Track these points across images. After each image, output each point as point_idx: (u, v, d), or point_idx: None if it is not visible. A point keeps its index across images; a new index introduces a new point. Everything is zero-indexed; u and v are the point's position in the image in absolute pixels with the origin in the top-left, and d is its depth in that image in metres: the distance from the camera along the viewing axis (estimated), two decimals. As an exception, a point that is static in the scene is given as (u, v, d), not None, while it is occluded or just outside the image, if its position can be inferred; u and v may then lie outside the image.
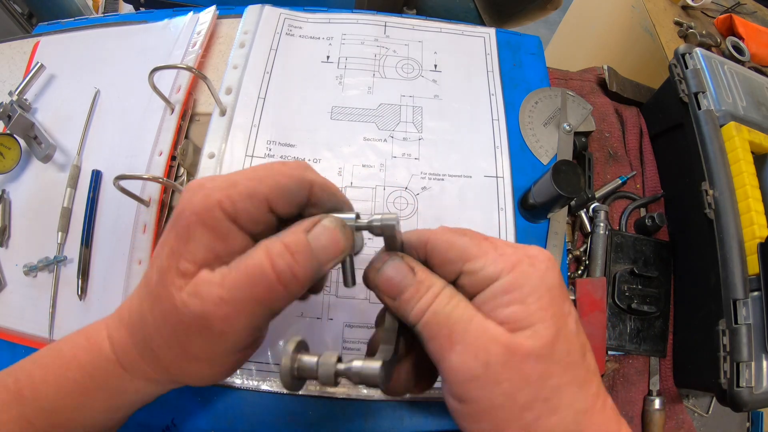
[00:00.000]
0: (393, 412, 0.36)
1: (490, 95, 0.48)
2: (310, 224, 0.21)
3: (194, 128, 0.45)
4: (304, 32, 0.49)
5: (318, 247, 0.20)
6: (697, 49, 0.46)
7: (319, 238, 0.20)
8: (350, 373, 0.21)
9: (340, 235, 0.21)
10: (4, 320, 0.39)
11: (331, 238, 0.21)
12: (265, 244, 0.20)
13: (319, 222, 0.21)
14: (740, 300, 0.36)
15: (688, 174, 0.44)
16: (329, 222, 0.21)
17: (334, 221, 0.21)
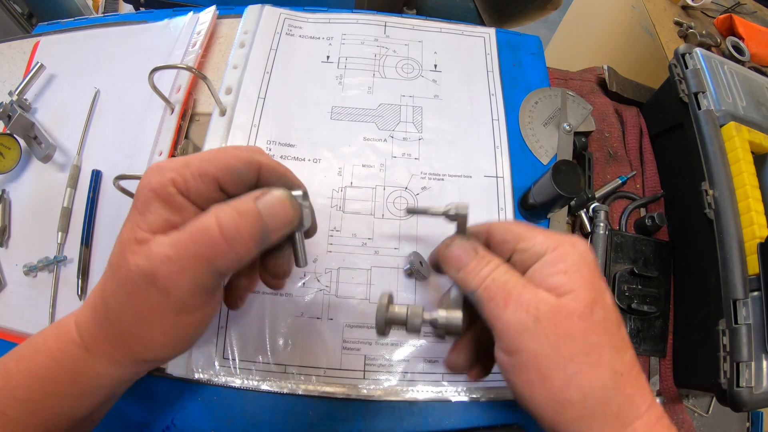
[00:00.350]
0: (393, 412, 0.36)
1: (490, 95, 0.48)
2: (260, 193, 0.22)
3: (194, 128, 0.45)
4: (304, 32, 0.49)
5: (266, 212, 0.21)
6: (697, 49, 0.46)
7: (267, 203, 0.22)
8: (437, 322, 0.27)
9: (288, 204, 0.22)
10: (4, 320, 0.39)
11: (280, 205, 0.22)
12: (216, 207, 0.21)
13: (269, 192, 0.22)
14: (740, 300, 0.36)
15: (688, 174, 0.44)
16: (279, 192, 0.22)
17: (283, 192, 0.22)
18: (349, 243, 0.39)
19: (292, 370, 0.35)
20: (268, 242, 0.22)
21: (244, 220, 0.20)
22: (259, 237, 0.21)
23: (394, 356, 0.36)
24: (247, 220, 0.21)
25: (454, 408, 0.37)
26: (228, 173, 0.23)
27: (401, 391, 0.36)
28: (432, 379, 0.36)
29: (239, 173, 0.23)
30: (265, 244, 0.22)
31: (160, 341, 0.22)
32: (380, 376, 0.36)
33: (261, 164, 0.24)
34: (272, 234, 0.22)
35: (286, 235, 0.23)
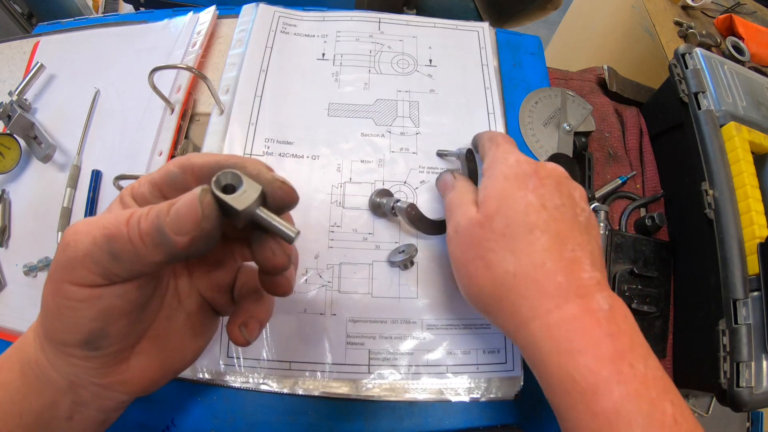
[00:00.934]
0: (393, 412, 0.36)
1: (485, 89, 0.48)
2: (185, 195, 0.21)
3: (194, 128, 0.45)
4: (298, 30, 0.49)
5: (173, 211, 0.20)
6: (697, 49, 0.46)
7: (176, 204, 0.20)
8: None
9: (196, 202, 0.19)
10: (4, 320, 0.39)
11: (185, 203, 0.19)
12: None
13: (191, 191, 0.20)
14: (740, 300, 0.36)
15: (688, 174, 0.44)
16: (195, 189, 0.20)
17: (197, 189, 0.20)
18: (350, 238, 0.39)
19: (296, 367, 0.35)
20: (173, 246, 0.19)
21: (147, 216, 0.20)
22: (155, 237, 0.19)
23: (399, 350, 0.37)
24: (149, 216, 0.20)
25: (454, 408, 0.37)
26: (165, 179, 0.23)
27: (406, 384, 0.36)
28: (437, 371, 0.36)
29: (172, 177, 0.23)
30: (169, 247, 0.19)
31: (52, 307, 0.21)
32: (385, 370, 0.36)
33: (193, 165, 0.22)
34: (175, 238, 0.19)
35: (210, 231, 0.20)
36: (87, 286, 0.20)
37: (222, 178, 0.20)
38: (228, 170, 0.21)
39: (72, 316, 0.20)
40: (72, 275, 0.20)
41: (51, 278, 0.20)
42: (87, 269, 0.19)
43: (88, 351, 0.21)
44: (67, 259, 0.20)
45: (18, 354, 0.23)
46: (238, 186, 0.20)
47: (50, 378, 0.22)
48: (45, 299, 0.21)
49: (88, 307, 0.20)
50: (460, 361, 0.37)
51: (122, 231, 0.19)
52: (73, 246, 0.20)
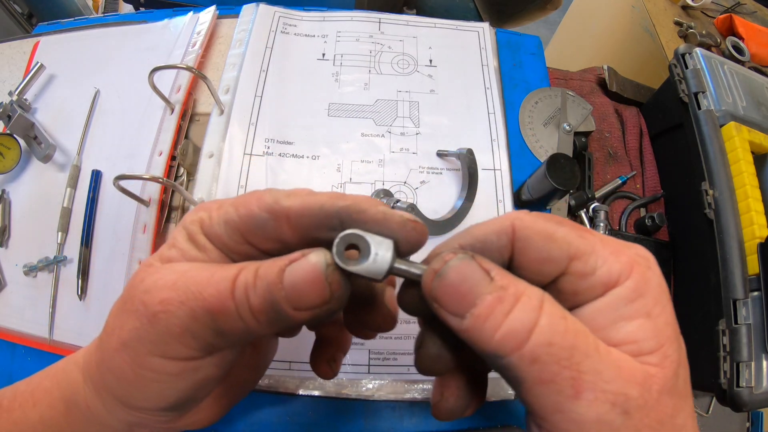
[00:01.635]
0: (393, 412, 0.36)
1: (486, 89, 0.48)
2: (299, 255, 0.17)
3: (194, 128, 0.45)
4: (299, 30, 0.49)
5: (288, 284, 0.16)
6: (697, 49, 0.46)
7: (290, 275, 0.16)
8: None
9: (321, 279, 0.16)
10: (4, 320, 0.39)
11: (306, 281, 0.16)
12: (250, 262, 0.17)
13: (304, 258, 0.16)
14: (740, 300, 0.36)
15: (688, 174, 0.44)
16: (315, 257, 0.16)
17: (318, 260, 0.16)
18: (349, 241, 0.39)
19: (296, 367, 0.35)
20: (290, 322, 0.17)
21: (256, 288, 0.16)
22: (270, 314, 0.16)
23: (399, 350, 0.36)
24: (259, 289, 0.16)
25: (454, 408, 0.37)
26: (249, 222, 0.18)
27: (406, 384, 0.36)
28: None
29: (259, 223, 0.17)
30: (285, 322, 0.17)
31: (132, 378, 0.18)
32: (384, 370, 0.36)
33: (288, 213, 0.17)
34: (293, 313, 0.16)
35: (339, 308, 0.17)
36: (182, 360, 0.17)
37: (342, 243, 0.17)
38: (349, 233, 0.17)
39: (158, 388, 0.18)
40: (163, 350, 0.17)
41: (129, 348, 0.17)
42: (185, 345, 0.17)
43: (167, 413, 0.19)
44: (157, 333, 0.16)
45: (60, 391, 0.20)
46: (364, 246, 0.17)
47: (105, 423, 0.20)
48: (118, 367, 0.18)
49: (181, 380, 0.18)
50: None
51: (229, 306, 0.16)
52: (164, 320, 0.16)
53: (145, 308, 0.17)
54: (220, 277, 0.16)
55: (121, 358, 0.17)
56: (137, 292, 0.17)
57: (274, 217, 0.17)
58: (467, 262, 0.16)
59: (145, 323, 0.17)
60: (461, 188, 0.42)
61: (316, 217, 0.17)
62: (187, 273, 0.17)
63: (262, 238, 0.18)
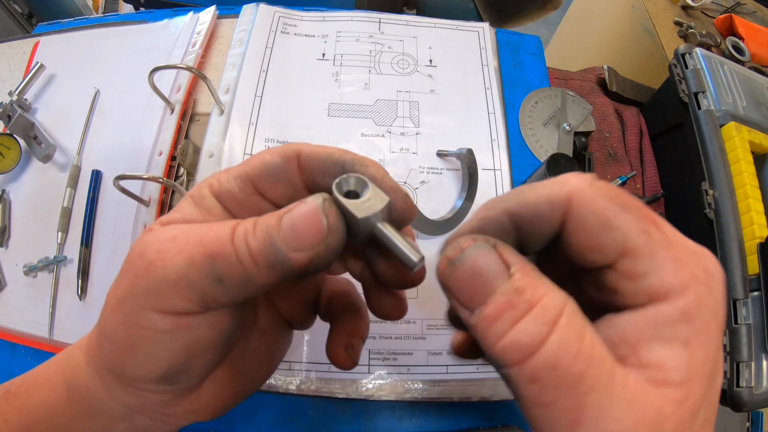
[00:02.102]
0: (393, 412, 0.36)
1: (486, 89, 0.48)
2: (296, 204, 0.17)
3: (194, 128, 0.45)
4: (299, 30, 0.49)
5: (287, 224, 0.16)
6: (697, 49, 0.46)
7: (291, 215, 0.16)
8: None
9: (319, 211, 0.16)
10: (4, 320, 0.39)
11: (304, 215, 0.16)
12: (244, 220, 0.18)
13: (305, 200, 0.17)
14: (740, 300, 0.36)
15: (688, 174, 0.44)
16: (312, 198, 0.17)
17: (318, 197, 0.17)
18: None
19: (296, 367, 0.35)
20: (289, 265, 0.16)
21: (255, 233, 0.16)
22: (269, 256, 0.16)
23: (398, 350, 0.36)
24: (258, 233, 0.16)
25: (454, 408, 0.37)
26: (262, 170, 0.19)
27: (406, 384, 0.36)
28: (437, 371, 0.36)
29: (272, 167, 0.19)
30: (284, 267, 0.16)
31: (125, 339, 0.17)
32: (385, 370, 0.36)
33: (299, 152, 0.19)
34: (292, 255, 0.16)
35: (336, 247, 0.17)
36: (176, 314, 0.16)
37: (344, 183, 0.17)
38: (352, 174, 0.17)
39: (150, 349, 0.17)
40: (158, 302, 0.16)
41: (123, 304, 0.17)
42: (180, 295, 0.16)
43: (162, 386, 0.18)
44: (154, 282, 0.16)
45: (62, 374, 0.20)
46: (362, 193, 0.17)
47: (105, 406, 0.19)
48: (112, 329, 0.17)
49: (173, 339, 0.17)
50: (460, 362, 0.37)
51: (228, 250, 0.16)
52: (160, 266, 0.16)
53: (140, 259, 0.16)
54: (220, 226, 0.17)
55: (115, 319, 0.17)
56: (135, 248, 0.17)
57: (286, 159, 0.19)
58: (485, 252, 0.14)
59: (141, 274, 0.16)
60: (461, 188, 0.42)
61: (323, 162, 0.18)
62: (189, 227, 0.17)
63: (273, 183, 0.19)
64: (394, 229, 0.17)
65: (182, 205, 0.19)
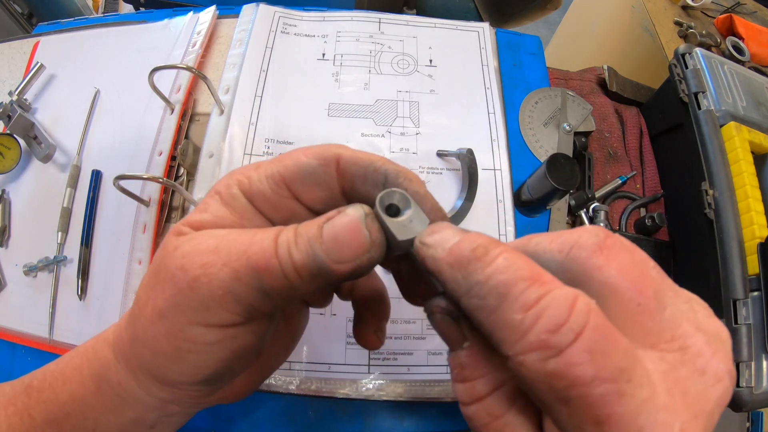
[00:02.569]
0: (393, 412, 0.36)
1: (486, 89, 0.48)
2: (335, 212, 0.17)
3: (194, 128, 0.45)
4: (298, 30, 0.49)
5: (328, 237, 0.16)
6: (697, 49, 0.46)
7: (331, 228, 0.16)
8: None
9: (360, 228, 0.16)
10: (4, 320, 0.39)
11: (347, 231, 0.16)
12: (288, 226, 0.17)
13: (344, 211, 0.17)
14: (740, 300, 0.36)
15: (688, 174, 0.44)
16: (353, 211, 0.16)
17: (357, 211, 0.16)
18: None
19: (296, 367, 0.35)
20: (332, 276, 0.16)
21: (297, 245, 0.16)
22: (313, 268, 0.16)
23: (398, 350, 0.36)
24: (300, 245, 0.16)
25: (454, 408, 0.37)
26: (296, 172, 0.18)
27: (406, 385, 0.36)
28: (437, 371, 0.36)
29: (308, 170, 0.18)
30: (327, 277, 0.16)
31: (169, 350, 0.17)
32: (384, 370, 0.36)
33: (339, 157, 0.18)
34: (335, 266, 0.16)
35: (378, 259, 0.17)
36: (223, 326, 0.17)
37: (387, 198, 0.17)
38: (397, 190, 0.17)
39: (196, 359, 0.17)
40: (205, 317, 0.16)
41: (166, 318, 0.17)
42: (227, 309, 0.16)
43: (204, 387, 0.18)
44: (200, 298, 0.16)
45: (90, 369, 0.20)
46: (403, 210, 0.17)
47: (138, 399, 0.19)
48: (154, 339, 0.17)
49: (219, 350, 0.17)
50: None
51: (273, 264, 0.16)
52: (206, 282, 0.16)
53: (183, 273, 0.16)
54: (261, 237, 0.16)
55: (157, 330, 0.17)
56: (173, 259, 0.16)
57: (324, 162, 0.18)
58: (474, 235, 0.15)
59: (184, 289, 0.16)
60: (461, 188, 0.42)
61: (365, 169, 0.18)
62: (227, 236, 0.17)
63: (308, 186, 0.18)
64: None
65: (210, 203, 0.18)
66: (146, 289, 0.18)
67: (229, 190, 0.18)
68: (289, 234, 0.16)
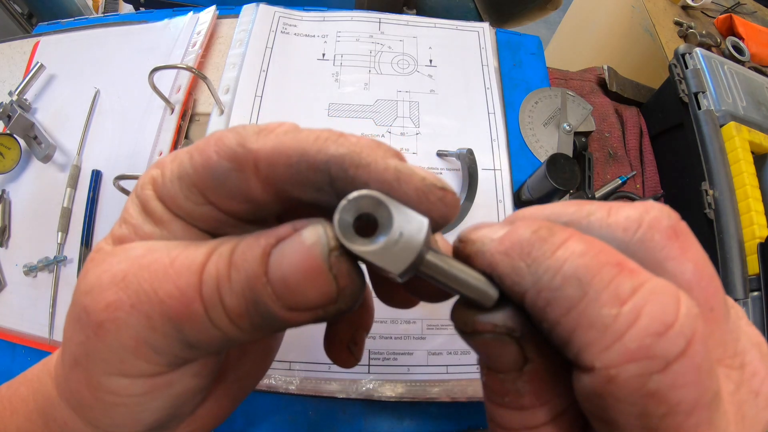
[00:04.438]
0: (393, 412, 0.36)
1: (486, 89, 0.48)
2: (288, 230, 0.12)
3: (194, 128, 0.45)
4: (299, 30, 0.49)
5: (277, 277, 0.11)
6: (697, 49, 0.46)
7: (280, 261, 0.11)
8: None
9: (323, 266, 0.11)
10: (4, 320, 0.39)
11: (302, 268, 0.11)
12: (222, 241, 0.13)
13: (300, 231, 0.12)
14: (740, 300, 0.36)
15: (688, 174, 0.44)
16: (311, 234, 0.11)
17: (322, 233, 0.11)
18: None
19: (296, 367, 0.35)
20: (284, 326, 0.12)
21: (232, 284, 0.12)
22: (254, 317, 0.12)
23: (398, 350, 0.36)
24: (236, 285, 0.12)
25: (454, 408, 0.37)
26: (207, 175, 0.13)
27: (406, 385, 0.36)
28: (436, 372, 0.36)
29: (219, 174, 0.13)
30: (276, 327, 0.12)
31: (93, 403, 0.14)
32: (384, 370, 0.36)
33: (256, 157, 0.12)
34: (286, 315, 0.12)
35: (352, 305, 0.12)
36: (147, 377, 0.13)
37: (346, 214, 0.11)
38: (354, 196, 0.11)
39: (126, 411, 0.14)
40: (121, 368, 0.13)
41: (80, 365, 0.13)
42: (144, 360, 0.13)
43: None
44: (108, 349, 0.12)
45: (36, 403, 0.17)
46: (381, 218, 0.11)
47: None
48: (75, 390, 0.14)
49: (152, 400, 0.14)
50: (460, 361, 0.37)
51: (197, 311, 0.12)
52: (113, 330, 0.12)
53: (87, 317, 0.12)
54: (181, 265, 0.12)
55: (76, 378, 0.14)
56: (78, 293, 0.13)
57: (238, 166, 0.12)
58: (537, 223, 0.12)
59: (91, 336, 0.13)
60: (461, 188, 0.42)
61: (295, 169, 0.12)
62: (142, 258, 0.13)
63: (224, 197, 0.13)
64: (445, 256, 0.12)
65: (129, 210, 0.14)
66: (66, 325, 0.14)
67: (145, 193, 0.14)
68: (221, 265, 0.12)
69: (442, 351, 0.37)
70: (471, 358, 0.37)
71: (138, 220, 0.14)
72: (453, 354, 0.37)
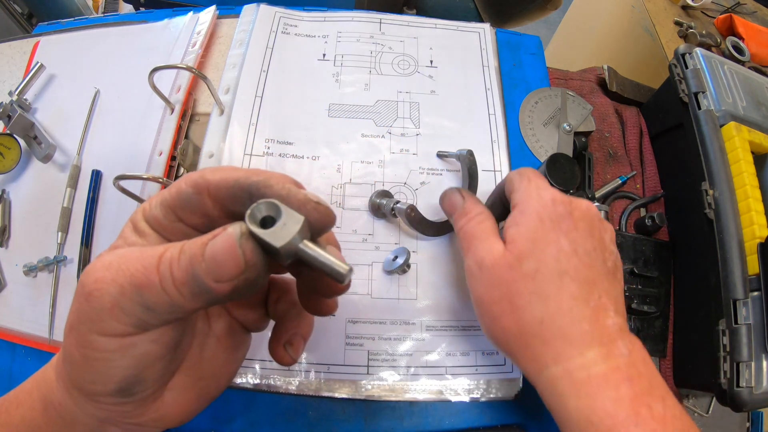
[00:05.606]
0: (393, 412, 0.36)
1: (486, 90, 0.48)
2: (221, 230, 0.18)
3: (194, 128, 0.45)
4: (299, 30, 0.49)
5: (208, 257, 0.17)
6: (697, 49, 0.46)
7: (211, 248, 0.17)
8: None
9: (236, 245, 0.17)
10: (4, 320, 0.39)
11: (224, 248, 0.17)
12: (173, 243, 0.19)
13: (224, 231, 0.17)
14: (740, 300, 0.36)
15: (688, 174, 0.44)
16: (233, 228, 0.17)
17: (237, 227, 0.17)
18: (349, 239, 0.39)
19: (296, 367, 0.35)
20: (213, 294, 0.17)
21: (180, 262, 0.17)
22: (193, 286, 0.17)
23: (398, 351, 0.37)
24: (182, 262, 0.17)
25: (454, 408, 0.37)
26: (177, 198, 0.20)
27: (405, 386, 0.36)
28: (436, 372, 0.36)
29: (185, 198, 0.20)
30: (209, 296, 0.18)
31: (79, 359, 0.19)
32: (384, 371, 0.36)
33: (208, 184, 0.19)
34: (214, 286, 0.17)
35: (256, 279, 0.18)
36: (118, 336, 0.18)
37: (257, 211, 0.18)
38: (262, 201, 0.18)
39: (102, 367, 0.18)
40: (100, 327, 0.18)
41: (74, 329, 0.18)
42: (117, 320, 0.18)
43: (121, 398, 0.19)
44: (92, 310, 0.18)
45: (38, 391, 0.21)
46: (278, 217, 0.18)
47: (77, 419, 0.20)
48: (69, 350, 0.19)
49: (121, 357, 0.18)
50: (459, 363, 0.37)
51: (153, 280, 0.17)
52: (97, 296, 0.17)
53: (82, 288, 0.18)
54: (148, 254, 0.18)
55: (69, 341, 0.19)
56: (81, 278, 0.19)
57: (198, 191, 0.20)
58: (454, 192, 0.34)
59: (82, 302, 0.18)
60: (461, 188, 0.42)
61: (232, 190, 0.19)
62: (125, 254, 0.18)
63: (189, 213, 0.20)
64: (316, 245, 0.18)
65: (124, 231, 0.21)
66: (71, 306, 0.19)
67: (136, 216, 0.21)
68: (174, 251, 0.18)
69: (442, 352, 0.37)
70: (470, 360, 0.37)
71: (128, 235, 0.20)
72: (452, 355, 0.37)
